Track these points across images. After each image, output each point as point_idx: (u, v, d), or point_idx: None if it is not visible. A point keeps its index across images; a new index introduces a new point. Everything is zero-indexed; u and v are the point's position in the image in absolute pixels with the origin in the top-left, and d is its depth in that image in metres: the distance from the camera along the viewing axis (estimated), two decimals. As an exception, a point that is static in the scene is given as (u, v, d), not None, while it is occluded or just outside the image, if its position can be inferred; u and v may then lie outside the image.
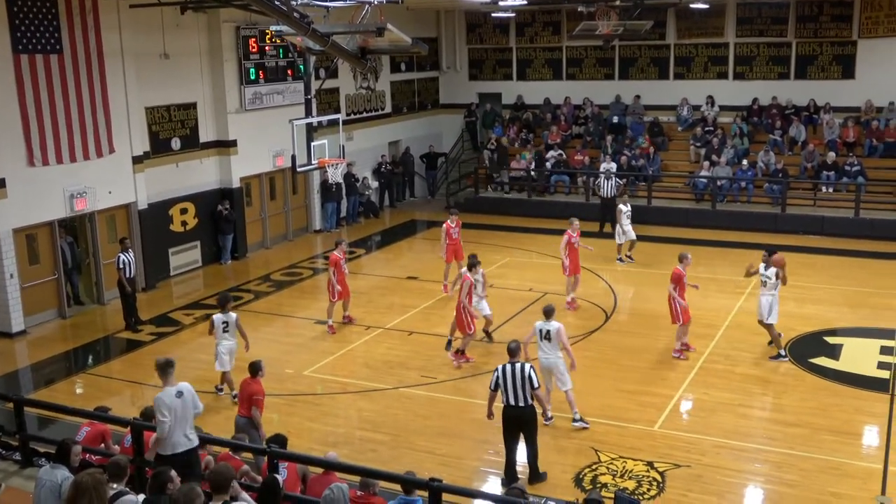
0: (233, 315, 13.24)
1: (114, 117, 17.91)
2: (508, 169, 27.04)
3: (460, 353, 14.51)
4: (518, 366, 10.37)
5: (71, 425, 10.85)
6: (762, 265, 14.49)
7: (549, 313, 11.98)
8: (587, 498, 8.09)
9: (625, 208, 20.00)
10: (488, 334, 15.27)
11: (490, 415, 10.75)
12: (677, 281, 14.45)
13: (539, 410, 10.91)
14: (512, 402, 10.37)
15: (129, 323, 16.84)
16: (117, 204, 18.49)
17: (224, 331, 13.14)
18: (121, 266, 16.42)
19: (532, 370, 10.37)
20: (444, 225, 18.44)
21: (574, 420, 11.94)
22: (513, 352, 10.60)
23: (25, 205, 16.51)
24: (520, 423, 10.46)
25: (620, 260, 20.24)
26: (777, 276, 14.26)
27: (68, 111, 16.97)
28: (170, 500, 6.41)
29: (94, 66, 17.37)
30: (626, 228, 20.02)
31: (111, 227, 18.61)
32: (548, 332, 11.88)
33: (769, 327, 14.43)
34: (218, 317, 13.20)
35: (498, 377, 10.39)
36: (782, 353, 14.41)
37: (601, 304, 17.36)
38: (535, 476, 10.57)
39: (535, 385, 10.37)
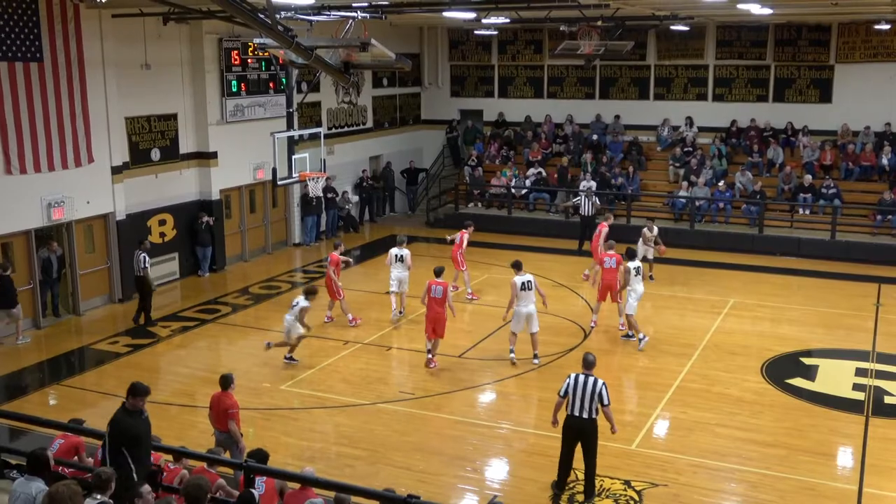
0: (306, 304, 14.84)
1: (93, 127, 17.80)
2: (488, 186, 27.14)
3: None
4: (591, 379, 10.34)
5: (44, 437, 10.70)
6: (632, 263, 16.02)
7: (400, 242, 17.11)
8: None
9: (649, 233, 19.88)
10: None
11: (555, 422, 10.66)
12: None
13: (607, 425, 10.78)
14: (577, 412, 10.35)
15: (141, 319, 17.49)
16: (95, 214, 18.33)
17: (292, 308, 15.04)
18: (145, 265, 17.20)
19: (604, 387, 10.32)
20: (462, 234, 19.09)
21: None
22: (589, 364, 10.57)
23: (1, 213, 16.32)
24: (580, 434, 10.43)
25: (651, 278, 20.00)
26: None
27: (47, 120, 16.83)
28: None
29: (75, 74, 17.26)
30: (641, 248, 19.68)
31: (88, 237, 18.46)
32: (401, 256, 17.05)
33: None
34: (300, 299, 14.98)
35: (569, 385, 10.39)
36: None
37: (580, 322, 17.39)
38: (591, 492, 10.54)
39: (606, 402, 10.32)
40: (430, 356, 14.96)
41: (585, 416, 10.32)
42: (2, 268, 16.05)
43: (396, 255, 17.37)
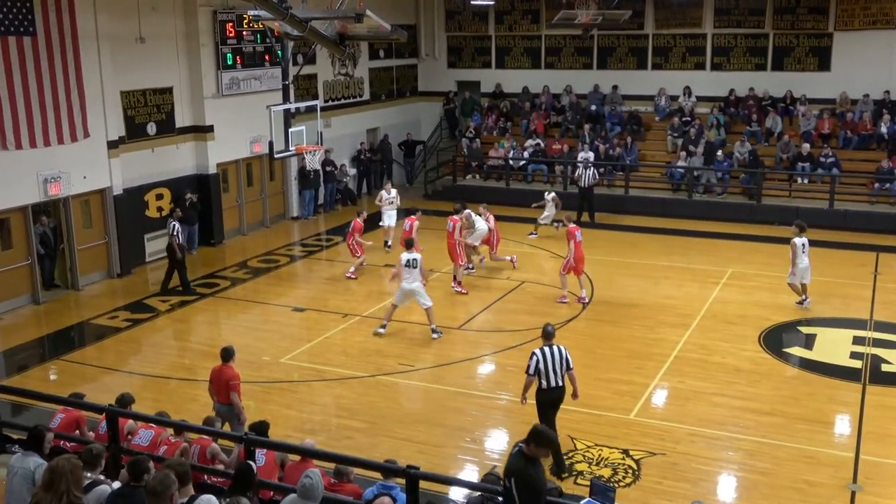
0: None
1: (88, 101, 17.67)
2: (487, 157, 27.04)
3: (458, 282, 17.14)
4: (556, 348, 10.47)
5: (44, 412, 10.75)
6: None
7: (409, 244, 15.35)
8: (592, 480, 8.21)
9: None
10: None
11: (524, 400, 10.70)
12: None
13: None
14: (552, 384, 10.42)
15: (170, 284, 17.84)
16: (92, 189, 18.26)
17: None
18: (174, 233, 17.44)
19: (568, 352, 10.51)
20: (412, 221, 18.51)
21: (433, 332, 14.85)
22: (550, 335, 10.66)
23: (-2, 189, 16.30)
24: (555, 403, 10.55)
25: None
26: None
27: (42, 94, 16.73)
28: (144, 488, 6.35)
29: (69, 48, 17.13)
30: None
31: (85, 212, 18.41)
32: (413, 260, 14.83)
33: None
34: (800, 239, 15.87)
35: (538, 361, 10.40)
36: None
37: (578, 293, 17.38)
38: (563, 465, 10.61)
39: (571, 366, 10.51)
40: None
41: (561, 383, 10.48)
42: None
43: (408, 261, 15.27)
